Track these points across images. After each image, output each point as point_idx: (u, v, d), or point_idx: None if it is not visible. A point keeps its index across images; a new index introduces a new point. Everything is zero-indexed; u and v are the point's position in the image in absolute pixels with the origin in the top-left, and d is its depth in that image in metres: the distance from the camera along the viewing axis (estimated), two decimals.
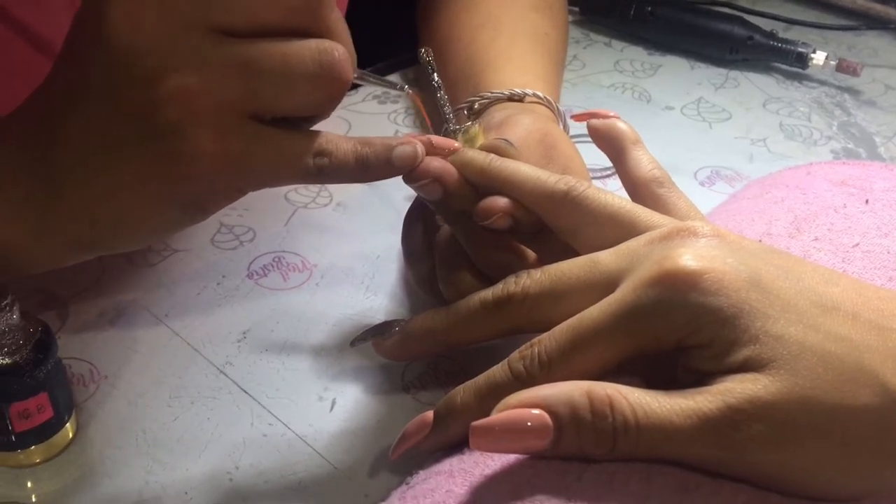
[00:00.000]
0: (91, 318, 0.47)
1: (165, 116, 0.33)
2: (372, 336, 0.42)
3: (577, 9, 0.87)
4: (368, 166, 0.37)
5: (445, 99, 0.47)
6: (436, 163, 0.40)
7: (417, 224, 0.46)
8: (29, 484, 0.39)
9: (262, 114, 0.35)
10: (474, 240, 0.41)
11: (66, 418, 0.40)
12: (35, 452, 0.39)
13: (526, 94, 0.53)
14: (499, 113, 0.50)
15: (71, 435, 0.40)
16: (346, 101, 0.70)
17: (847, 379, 0.30)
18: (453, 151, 0.41)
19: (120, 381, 0.44)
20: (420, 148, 0.39)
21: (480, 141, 0.45)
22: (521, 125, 0.47)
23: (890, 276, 0.40)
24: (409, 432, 0.37)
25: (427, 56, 0.47)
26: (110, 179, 0.35)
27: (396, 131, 0.67)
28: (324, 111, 0.37)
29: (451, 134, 0.45)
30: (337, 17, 0.36)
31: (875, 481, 0.31)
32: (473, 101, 0.54)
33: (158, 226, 0.38)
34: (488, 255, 0.41)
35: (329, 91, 0.36)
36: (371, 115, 0.69)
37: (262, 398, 0.43)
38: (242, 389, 0.44)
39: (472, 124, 0.46)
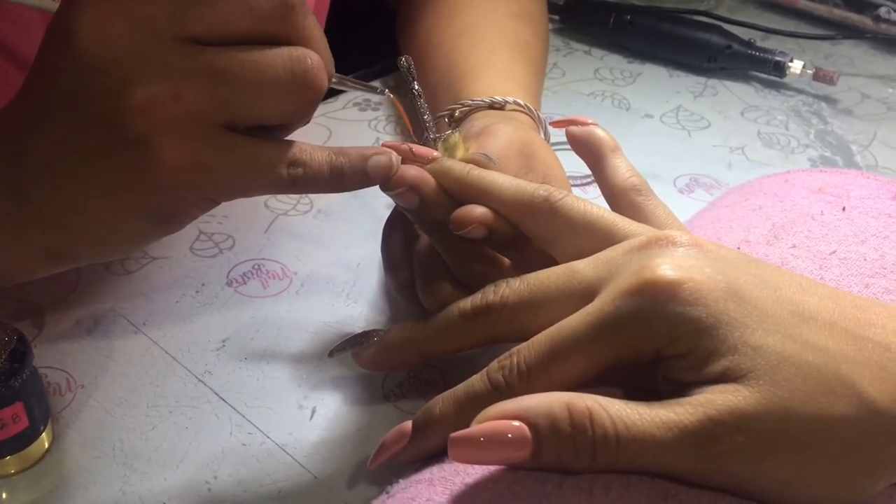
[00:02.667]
0: (68, 327, 0.47)
1: (134, 126, 0.33)
2: (350, 346, 0.42)
3: (557, 17, 0.87)
4: (343, 177, 0.37)
5: (426, 107, 0.47)
6: (413, 171, 0.39)
7: (397, 232, 0.46)
8: (3, 495, 0.38)
9: (234, 123, 0.35)
10: (451, 250, 0.41)
11: (42, 428, 0.39)
12: (10, 463, 0.39)
13: (507, 102, 0.53)
14: (479, 121, 0.50)
15: (47, 445, 0.40)
16: (326, 108, 0.70)
17: (825, 389, 0.30)
18: (432, 160, 0.41)
19: (97, 391, 0.43)
20: (395, 158, 0.39)
21: (460, 149, 0.45)
22: (501, 134, 0.47)
23: (867, 283, 0.41)
24: (388, 443, 0.37)
25: (407, 64, 0.47)
26: (80, 190, 0.35)
27: (377, 139, 0.67)
28: (298, 119, 0.37)
29: (430, 143, 0.45)
30: (311, 24, 0.36)
31: (853, 490, 0.31)
32: (454, 109, 0.54)
33: (130, 237, 0.37)
34: (466, 265, 0.41)
35: (302, 99, 0.35)
36: (352, 123, 0.69)
37: (242, 407, 0.43)
38: (221, 398, 0.43)
39: (451, 133, 0.46)
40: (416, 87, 0.46)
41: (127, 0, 0.33)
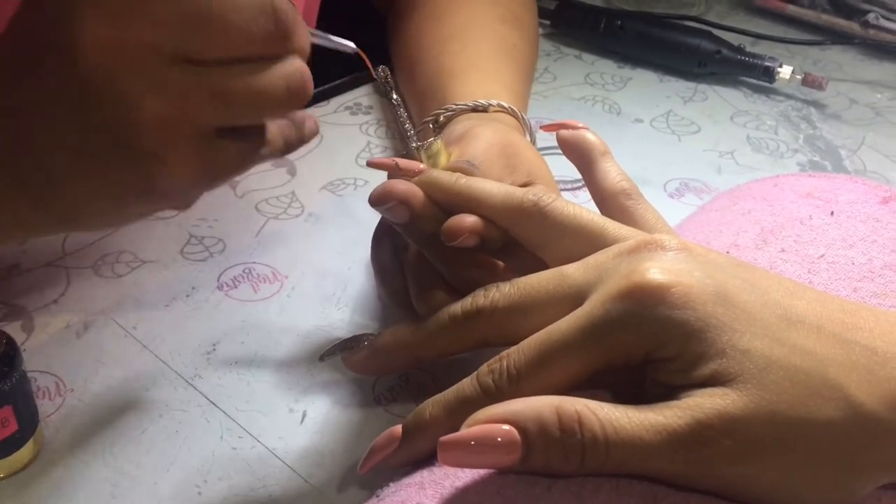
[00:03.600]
0: (57, 331, 0.47)
1: (144, 142, 0.33)
2: (340, 350, 0.42)
3: (548, 22, 0.88)
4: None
5: (405, 116, 0.47)
6: (402, 185, 0.40)
7: (385, 240, 0.46)
8: None
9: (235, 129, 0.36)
10: (444, 259, 0.41)
11: (31, 432, 0.39)
12: None
13: (490, 105, 0.53)
14: (459, 125, 0.50)
15: (36, 449, 0.40)
16: (317, 112, 0.70)
17: (812, 393, 0.30)
18: (419, 173, 0.41)
19: (86, 395, 0.43)
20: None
21: (443, 156, 0.45)
22: (482, 138, 0.46)
23: (854, 287, 0.41)
24: (378, 447, 0.37)
25: (384, 75, 0.47)
26: (86, 190, 0.35)
27: (368, 142, 0.67)
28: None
29: (413, 151, 0.45)
30: (302, 33, 0.36)
31: (841, 493, 0.31)
32: (439, 114, 0.54)
33: (132, 220, 0.40)
34: (460, 273, 0.41)
35: (295, 107, 0.36)
36: (343, 127, 0.69)
37: (232, 411, 0.43)
38: (212, 402, 0.43)
39: (433, 140, 0.46)
40: (395, 97, 0.46)
41: (129, 22, 0.32)
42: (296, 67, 0.35)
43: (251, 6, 0.33)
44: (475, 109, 0.53)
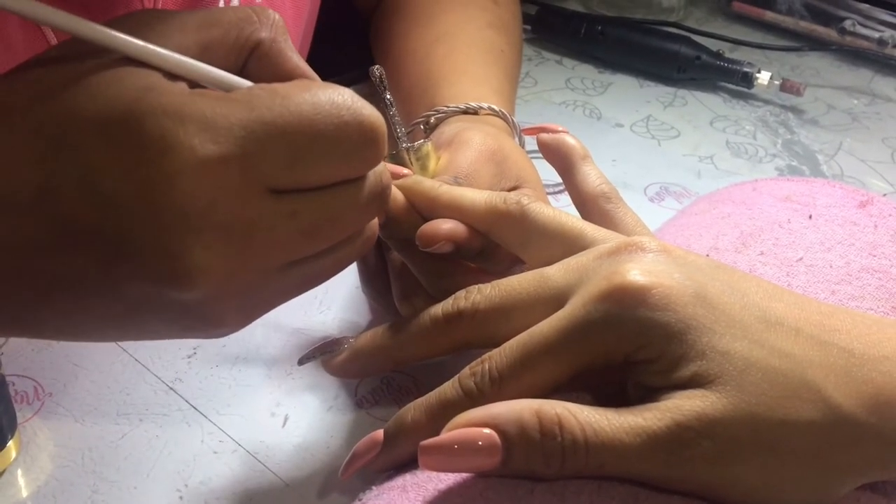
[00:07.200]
0: None
1: (196, 290, 0.30)
2: (320, 354, 0.42)
3: (529, 27, 0.88)
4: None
5: (397, 120, 0.47)
6: None
7: None
8: None
9: None
10: (421, 267, 0.41)
11: (9, 437, 0.39)
12: None
13: (481, 108, 0.53)
14: (448, 128, 0.50)
15: (14, 454, 0.39)
16: None
17: (791, 394, 0.30)
18: (402, 177, 0.41)
19: (65, 399, 0.43)
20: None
21: (432, 158, 0.46)
22: (471, 144, 0.46)
23: (833, 290, 0.41)
24: (359, 452, 0.36)
25: (378, 74, 0.47)
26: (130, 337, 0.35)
27: None
28: None
29: (403, 152, 0.45)
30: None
31: (819, 494, 0.31)
32: (430, 116, 0.54)
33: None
34: (436, 281, 0.41)
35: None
36: None
37: (213, 414, 0.43)
38: (192, 406, 0.43)
39: (423, 142, 0.46)
40: (388, 97, 0.46)
41: (248, 248, 0.30)
42: (382, 195, 0.34)
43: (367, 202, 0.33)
44: (466, 112, 0.53)
